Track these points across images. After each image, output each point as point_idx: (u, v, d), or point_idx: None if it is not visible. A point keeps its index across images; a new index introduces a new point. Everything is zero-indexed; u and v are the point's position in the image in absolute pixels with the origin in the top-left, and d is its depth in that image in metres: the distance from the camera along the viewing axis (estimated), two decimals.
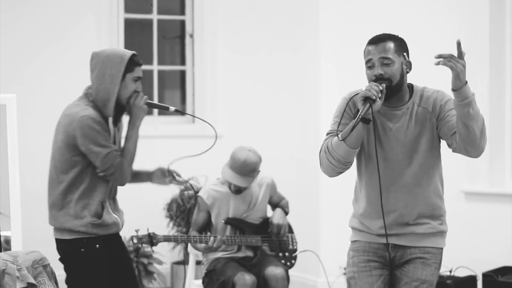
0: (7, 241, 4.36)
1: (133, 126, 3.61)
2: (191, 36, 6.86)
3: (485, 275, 4.90)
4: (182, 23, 6.94)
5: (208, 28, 6.76)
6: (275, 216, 4.76)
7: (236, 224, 4.67)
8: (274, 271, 4.53)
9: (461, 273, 5.16)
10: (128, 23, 6.67)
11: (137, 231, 4.24)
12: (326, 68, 6.02)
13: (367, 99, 3.04)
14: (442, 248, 3.31)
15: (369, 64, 3.15)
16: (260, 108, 6.62)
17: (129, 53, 3.55)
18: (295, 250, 4.83)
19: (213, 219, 4.67)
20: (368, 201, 3.27)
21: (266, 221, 4.77)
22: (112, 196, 3.70)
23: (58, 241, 3.65)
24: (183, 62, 6.96)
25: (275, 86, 6.52)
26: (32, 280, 3.29)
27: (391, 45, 3.14)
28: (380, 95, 3.05)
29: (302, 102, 6.24)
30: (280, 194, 4.87)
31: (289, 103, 6.38)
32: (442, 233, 3.30)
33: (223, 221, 4.64)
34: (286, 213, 4.84)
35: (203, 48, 6.79)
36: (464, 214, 5.31)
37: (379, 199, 3.20)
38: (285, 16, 6.41)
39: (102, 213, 3.57)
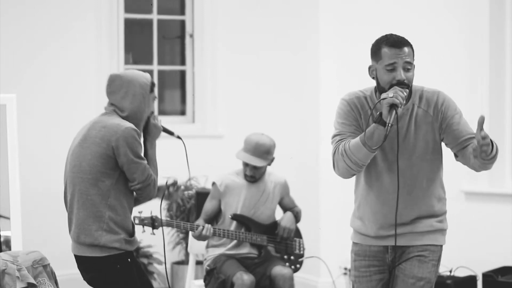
0: (7, 241, 4.36)
1: (152, 145, 3.67)
2: (191, 36, 6.86)
3: (485, 275, 4.90)
4: (182, 23, 6.94)
5: (208, 28, 6.76)
6: (284, 219, 4.75)
7: (243, 221, 4.66)
8: (282, 270, 4.53)
9: (461, 273, 5.16)
10: (128, 23, 6.67)
11: (140, 212, 4.21)
12: (326, 68, 6.02)
13: (393, 106, 3.02)
14: (441, 246, 3.31)
15: (391, 67, 3.11)
16: (260, 108, 6.61)
17: (148, 75, 3.65)
18: (302, 255, 4.81)
19: (222, 207, 4.67)
20: (367, 202, 3.27)
21: (274, 224, 4.76)
22: None
23: (88, 259, 3.50)
24: (183, 62, 6.96)
25: (275, 86, 6.52)
26: (32, 280, 3.28)
27: (410, 49, 3.13)
28: (404, 101, 3.05)
29: (302, 102, 6.24)
30: (293, 200, 4.85)
31: (289, 103, 6.38)
32: (441, 231, 3.30)
33: (230, 216, 4.64)
34: (297, 220, 4.82)
35: (203, 48, 6.79)
36: (464, 214, 5.30)
37: (383, 201, 3.21)
38: (285, 16, 6.41)
39: (133, 230, 3.55)
